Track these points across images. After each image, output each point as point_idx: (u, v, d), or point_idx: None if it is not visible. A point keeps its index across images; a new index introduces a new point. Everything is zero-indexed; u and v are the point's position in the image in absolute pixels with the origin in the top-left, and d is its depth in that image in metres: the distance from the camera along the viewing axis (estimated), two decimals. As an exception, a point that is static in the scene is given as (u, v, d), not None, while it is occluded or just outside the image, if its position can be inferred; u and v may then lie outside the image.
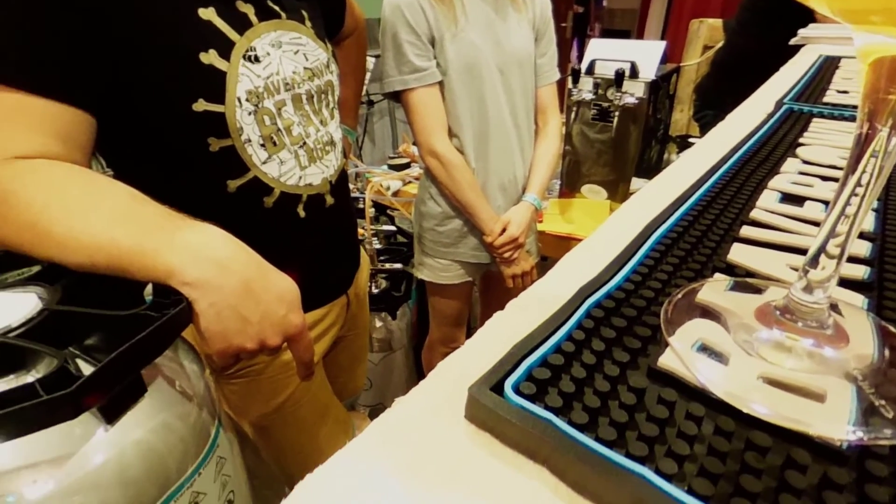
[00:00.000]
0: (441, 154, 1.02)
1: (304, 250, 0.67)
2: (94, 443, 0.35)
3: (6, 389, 0.30)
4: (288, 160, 0.61)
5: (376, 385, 1.56)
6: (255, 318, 0.42)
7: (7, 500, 0.31)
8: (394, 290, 1.53)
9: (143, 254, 0.39)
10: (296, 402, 0.74)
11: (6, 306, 0.37)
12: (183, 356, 0.45)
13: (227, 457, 0.46)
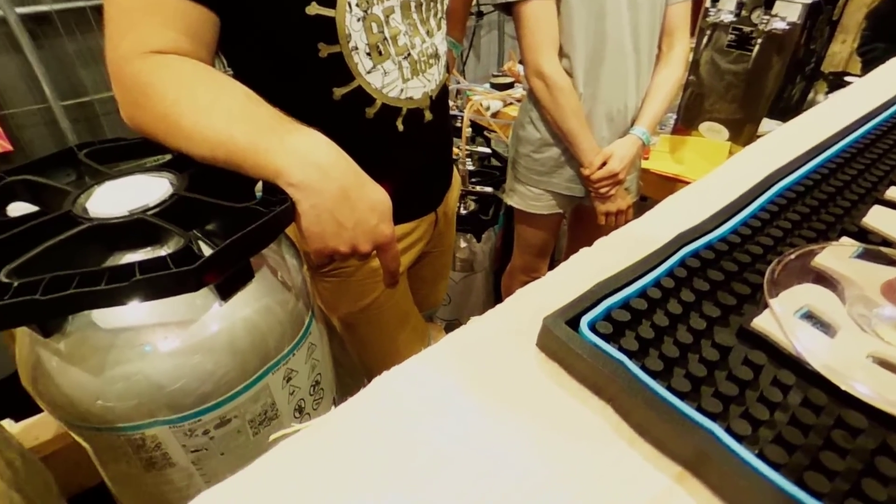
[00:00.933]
0: (547, 75, 0.96)
1: (399, 165, 0.69)
2: (211, 314, 0.40)
3: (144, 259, 0.36)
4: (391, 71, 0.61)
5: (455, 302, 1.62)
6: (350, 225, 0.44)
7: (145, 349, 0.38)
8: (482, 214, 1.54)
9: (256, 153, 0.42)
10: (379, 306, 0.79)
11: (144, 188, 0.42)
12: (285, 251, 0.50)
13: (317, 344, 0.52)
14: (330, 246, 0.45)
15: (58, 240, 0.37)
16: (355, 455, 0.24)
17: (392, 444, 0.24)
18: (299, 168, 0.42)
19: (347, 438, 0.24)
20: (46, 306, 0.32)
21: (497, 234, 1.60)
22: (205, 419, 0.41)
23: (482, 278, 1.60)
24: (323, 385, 0.54)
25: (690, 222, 0.32)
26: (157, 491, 0.45)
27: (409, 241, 0.78)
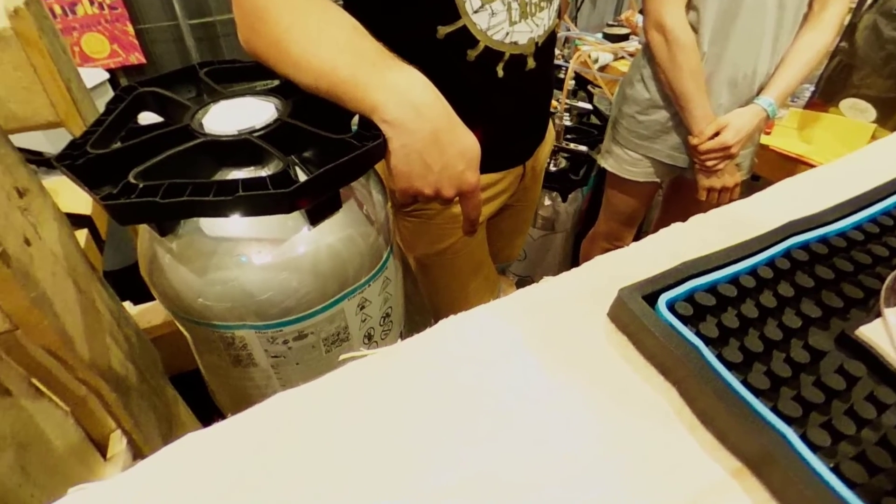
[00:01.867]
0: (669, 28, 0.87)
1: (494, 112, 0.67)
2: (299, 237, 0.43)
3: (247, 178, 0.38)
4: (499, 12, 0.58)
5: (530, 259, 1.61)
6: (437, 168, 0.45)
7: (241, 259, 0.42)
8: (572, 173, 1.48)
9: (356, 86, 0.43)
10: (455, 252, 0.81)
11: (253, 110, 0.45)
12: (373, 186, 0.51)
13: (391, 278, 0.54)
14: (415, 186, 0.46)
15: (176, 150, 0.41)
16: (417, 387, 0.25)
17: (453, 386, 0.25)
18: (395, 105, 0.42)
19: (411, 371, 0.26)
20: (163, 209, 0.36)
21: (584, 197, 1.54)
22: (285, 330, 0.45)
23: (562, 239, 1.57)
24: (392, 318, 0.57)
25: (806, 210, 0.29)
26: (241, 385, 0.51)
27: (493, 192, 0.77)
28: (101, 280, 0.54)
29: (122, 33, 1.94)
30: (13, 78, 0.61)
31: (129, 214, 0.37)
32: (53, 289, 0.41)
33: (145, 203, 0.36)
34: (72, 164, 0.38)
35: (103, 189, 0.37)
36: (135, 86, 0.48)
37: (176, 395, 0.68)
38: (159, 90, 0.47)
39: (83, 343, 0.45)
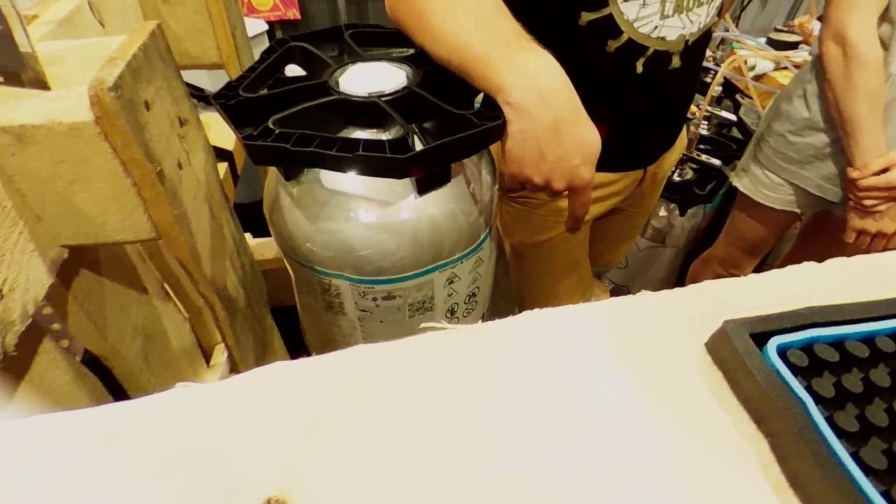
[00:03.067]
0: (851, 42, 0.76)
1: (624, 109, 0.64)
2: (405, 203, 0.45)
3: (368, 139, 0.40)
4: (652, 3, 0.55)
5: (631, 269, 1.53)
6: (551, 158, 0.44)
7: (349, 214, 0.44)
8: (697, 186, 1.36)
9: (487, 64, 0.42)
10: (553, 246, 0.79)
11: (384, 75, 0.47)
12: (484, 165, 0.51)
13: (484, 260, 0.54)
14: (525, 173, 0.45)
15: (312, 104, 0.44)
16: (494, 369, 0.25)
17: (531, 376, 0.25)
18: (521, 88, 0.42)
19: (491, 352, 0.26)
20: (292, 156, 0.39)
21: (706, 214, 1.42)
22: (376, 288, 0.48)
23: (670, 255, 1.47)
24: (478, 298, 0.57)
25: None
26: (329, 329, 0.55)
27: (606, 192, 0.74)
28: (231, 210, 0.60)
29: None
30: (192, 20, 0.69)
31: (262, 156, 0.41)
32: (193, 210, 0.47)
33: (277, 148, 0.39)
34: (224, 104, 0.43)
35: (246, 129, 0.41)
36: (287, 39, 0.52)
37: (273, 325, 0.76)
38: (307, 46, 0.51)
39: (207, 262, 0.50)
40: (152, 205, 0.42)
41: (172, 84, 0.45)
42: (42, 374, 0.42)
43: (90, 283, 0.48)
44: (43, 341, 0.43)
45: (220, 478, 0.18)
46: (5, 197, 0.38)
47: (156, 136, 0.41)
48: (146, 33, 0.41)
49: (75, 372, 0.47)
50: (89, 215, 0.41)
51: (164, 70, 0.43)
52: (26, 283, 0.39)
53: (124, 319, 0.53)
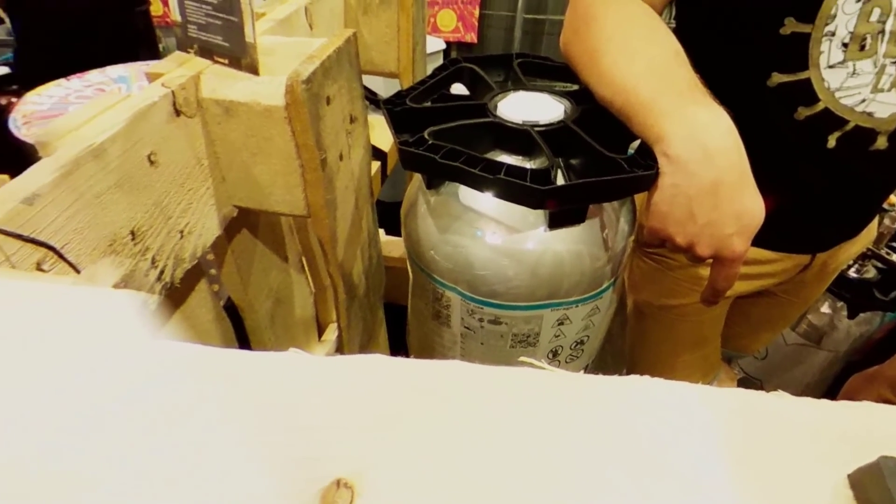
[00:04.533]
0: None
1: (803, 185, 0.56)
2: (534, 233, 0.44)
3: (512, 165, 0.41)
4: (865, 74, 0.48)
5: (770, 361, 1.34)
6: (701, 221, 0.40)
7: (476, 233, 0.45)
8: (878, 289, 1.15)
9: (651, 111, 0.41)
10: (682, 314, 0.72)
11: (542, 106, 0.47)
12: (624, 213, 0.49)
13: (601, 310, 0.52)
14: (668, 231, 0.42)
15: (467, 122, 0.46)
16: (588, 421, 0.24)
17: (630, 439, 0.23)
18: (683, 140, 0.39)
19: (586, 403, 0.25)
20: (437, 167, 0.41)
21: (883, 324, 1.19)
22: (485, 310, 0.48)
23: (824, 359, 1.25)
24: (586, 347, 0.54)
25: None
26: (431, 338, 0.56)
27: (758, 271, 0.66)
28: (373, 205, 0.65)
29: (469, 14, 2.24)
30: (382, 33, 0.77)
31: (412, 162, 0.43)
32: (342, 198, 0.52)
33: (427, 157, 0.41)
34: (391, 109, 0.46)
35: (403, 135, 0.44)
36: (459, 60, 0.55)
37: (382, 319, 0.80)
38: (475, 68, 0.53)
39: (342, 246, 0.55)
40: (311, 186, 0.47)
41: (352, 85, 0.50)
42: (192, 309, 0.50)
43: (246, 242, 0.55)
44: (200, 282, 0.50)
45: (300, 444, 0.19)
46: (204, 156, 0.45)
47: (328, 128, 0.46)
48: (342, 39, 0.46)
49: (217, 314, 0.54)
50: (261, 184, 0.48)
51: (349, 72, 0.49)
52: (201, 230, 0.46)
53: (264, 280, 0.60)
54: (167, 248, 0.42)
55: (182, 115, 0.42)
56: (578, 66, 0.48)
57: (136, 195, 0.38)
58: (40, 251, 0.30)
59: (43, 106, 0.74)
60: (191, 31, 0.45)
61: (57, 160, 0.32)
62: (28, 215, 0.30)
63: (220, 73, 0.44)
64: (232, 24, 0.42)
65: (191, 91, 0.42)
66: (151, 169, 0.39)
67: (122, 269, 0.36)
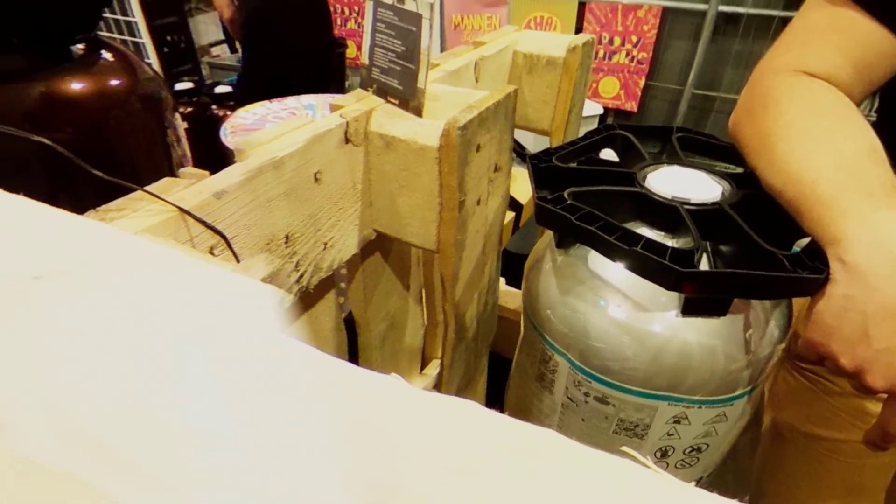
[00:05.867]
0: None
1: None
2: (663, 316, 0.41)
3: (651, 238, 0.39)
4: None
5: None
6: (877, 345, 0.33)
7: (599, 301, 0.43)
8: None
9: (830, 208, 0.36)
10: (834, 451, 0.60)
11: (696, 184, 0.44)
12: (776, 316, 0.43)
13: (729, 419, 0.45)
14: (831, 348, 0.36)
15: (611, 189, 0.44)
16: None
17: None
18: (867, 248, 0.33)
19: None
20: (571, 228, 0.41)
21: None
22: (593, 385, 0.45)
23: None
24: (702, 456, 0.48)
25: None
26: (529, 399, 0.54)
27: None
28: (499, 253, 0.65)
29: (633, 84, 2.22)
30: (542, 92, 0.80)
31: (547, 218, 0.43)
32: (471, 240, 0.53)
33: (562, 216, 0.41)
34: (536, 165, 0.47)
35: (543, 191, 0.45)
36: (614, 126, 0.54)
37: (485, 367, 0.79)
38: (630, 136, 0.52)
39: (461, 287, 0.56)
40: (445, 224, 0.49)
41: (504, 137, 0.52)
42: (317, 315, 0.54)
43: (376, 264, 0.59)
44: (329, 292, 0.55)
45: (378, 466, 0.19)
46: (360, 181, 0.50)
47: (473, 173, 0.48)
48: (503, 94, 0.49)
49: (337, 325, 0.58)
50: (401, 215, 0.51)
51: (503, 125, 0.51)
52: (342, 246, 0.50)
53: (384, 302, 0.63)
54: (311, 256, 0.46)
55: (350, 143, 0.47)
56: (747, 150, 0.44)
57: (297, 205, 0.43)
58: (215, 238, 0.36)
59: (247, 120, 0.89)
60: (374, 73, 0.51)
61: (246, 165, 0.38)
62: (214, 207, 0.35)
63: (389, 111, 0.49)
64: (408, 71, 0.47)
65: (362, 124, 0.47)
66: (315, 185, 0.44)
67: (272, 267, 0.41)
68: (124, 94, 0.68)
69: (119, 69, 0.69)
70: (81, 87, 0.64)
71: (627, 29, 2.12)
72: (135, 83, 0.70)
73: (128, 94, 0.69)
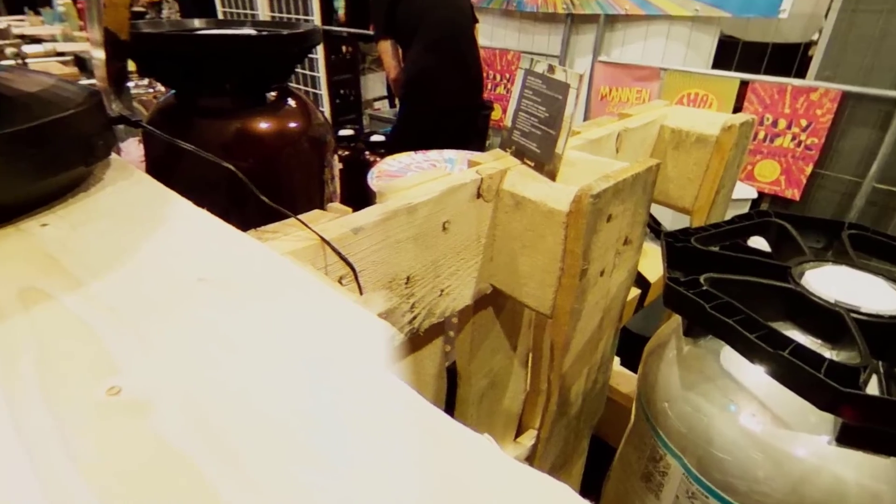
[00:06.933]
0: None
1: None
2: (812, 440, 0.34)
3: (805, 345, 0.33)
4: None
5: None
6: None
7: (729, 406, 0.38)
8: None
9: None
10: None
11: (871, 290, 0.38)
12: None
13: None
14: None
15: (759, 281, 0.40)
16: None
17: None
18: None
19: None
20: (706, 317, 0.37)
21: None
22: (710, 501, 0.39)
23: None
24: None
25: None
26: (629, 498, 0.48)
27: None
28: (617, 330, 0.61)
29: (798, 170, 2.00)
30: (687, 169, 0.75)
31: (677, 302, 0.40)
32: (588, 311, 0.51)
33: (695, 302, 0.37)
34: (671, 244, 0.44)
35: (676, 272, 0.41)
36: (769, 213, 0.49)
37: (585, 450, 0.72)
38: (788, 226, 0.47)
39: (571, 358, 0.53)
40: (563, 290, 0.47)
41: (638, 210, 0.50)
42: (423, 359, 0.55)
43: (487, 319, 0.59)
44: (438, 338, 0.55)
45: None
46: (484, 235, 0.51)
47: (600, 243, 0.46)
48: (644, 167, 0.47)
49: (439, 372, 0.58)
50: (520, 274, 0.51)
51: (639, 198, 0.49)
52: (456, 295, 0.51)
53: (489, 359, 0.62)
54: (426, 300, 0.48)
55: (481, 198, 0.48)
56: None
57: (422, 250, 0.45)
58: (346, 269, 0.39)
59: (392, 167, 0.97)
60: (514, 135, 0.53)
61: (383, 207, 0.41)
62: (350, 241, 0.39)
63: (523, 172, 0.50)
64: (548, 136, 0.48)
65: (495, 181, 0.49)
66: (442, 233, 0.46)
67: (389, 304, 0.43)
68: (298, 135, 0.79)
69: (298, 114, 0.81)
70: (267, 126, 0.75)
71: (796, 112, 1.94)
72: (308, 127, 0.81)
73: (301, 135, 0.80)
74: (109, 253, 0.26)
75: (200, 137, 0.71)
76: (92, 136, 0.32)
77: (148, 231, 0.28)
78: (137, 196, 0.32)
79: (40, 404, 0.18)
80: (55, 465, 0.16)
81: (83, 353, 0.20)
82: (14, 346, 0.20)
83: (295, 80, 2.94)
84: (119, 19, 0.35)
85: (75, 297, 0.23)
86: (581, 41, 2.40)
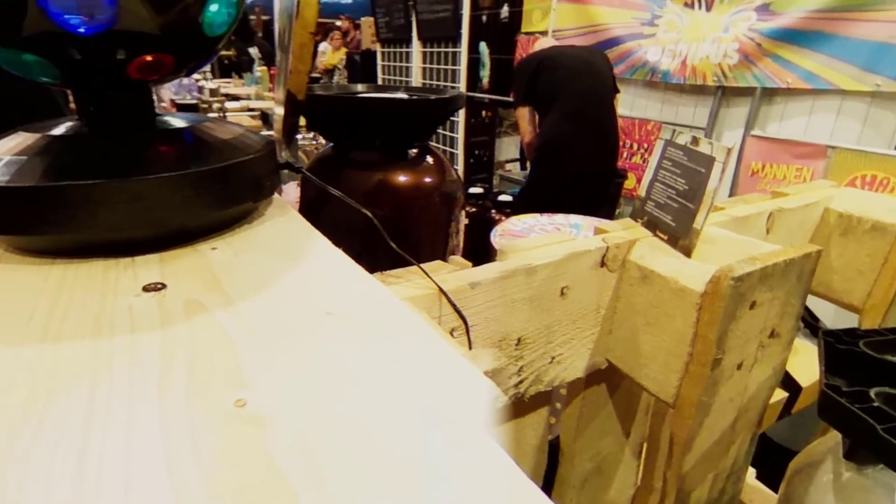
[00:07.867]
0: None
1: None
2: None
3: None
4: None
5: None
6: None
7: None
8: None
9: None
10: None
11: None
12: None
13: None
14: None
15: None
16: None
17: None
18: None
19: None
20: (877, 440, 0.30)
21: None
22: None
23: None
24: None
25: None
26: None
27: None
28: (755, 436, 0.53)
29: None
30: (857, 260, 0.65)
31: (837, 416, 0.33)
32: (719, 407, 0.45)
33: (863, 420, 0.31)
34: (832, 344, 0.38)
35: (837, 379, 0.35)
36: None
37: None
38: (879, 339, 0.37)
39: (694, 456, 0.47)
40: (690, 379, 0.43)
41: (790, 301, 0.44)
42: (524, 427, 0.52)
43: (599, 396, 0.55)
44: (543, 408, 0.53)
45: None
46: (604, 306, 0.48)
47: (738, 332, 0.41)
48: (801, 252, 0.42)
49: (540, 445, 0.55)
50: (641, 353, 0.47)
51: (793, 287, 0.43)
52: (568, 365, 0.49)
53: (596, 441, 0.57)
54: (535, 365, 0.46)
55: (605, 267, 0.46)
56: None
57: (537, 313, 0.44)
58: (458, 322, 0.39)
59: (516, 227, 0.98)
60: (647, 206, 0.50)
61: (502, 265, 0.41)
62: (466, 294, 0.39)
63: (653, 244, 0.47)
64: (686, 209, 0.45)
65: (622, 251, 0.47)
66: (559, 298, 0.45)
67: (497, 364, 0.42)
68: (431, 190, 0.84)
69: (434, 170, 0.86)
70: (406, 179, 0.81)
71: None
72: (441, 182, 0.86)
73: (434, 189, 0.85)
74: (258, 279, 0.29)
75: (347, 185, 0.79)
76: (263, 177, 0.37)
77: (292, 263, 0.32)
78: (289, 232, 0.37)
79: (183, 402, 0.20)
80: (183, 460, 0.17)
81: (223, 364, 0.22)
82: (173, 346, 0.23)
83: (435, 139, 3.17)
84: (300, 83, 0.41)
85: (226, 314, 0.26)
86: (732, 114, 2.26)
